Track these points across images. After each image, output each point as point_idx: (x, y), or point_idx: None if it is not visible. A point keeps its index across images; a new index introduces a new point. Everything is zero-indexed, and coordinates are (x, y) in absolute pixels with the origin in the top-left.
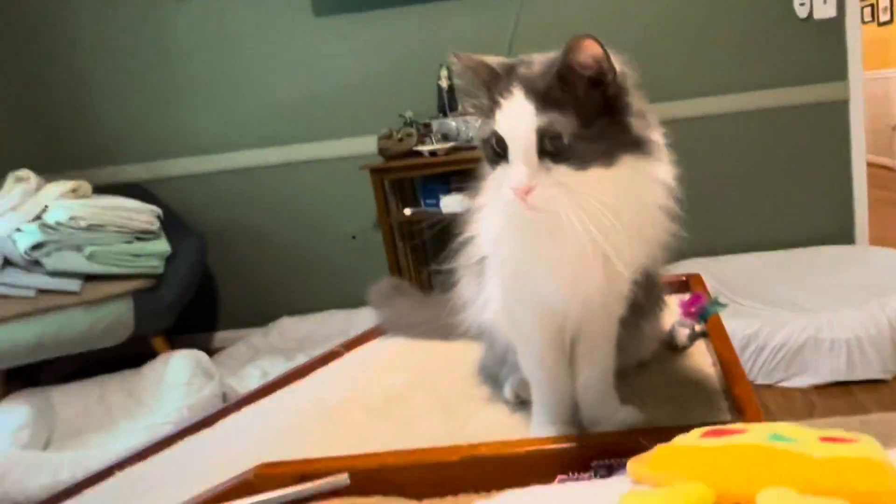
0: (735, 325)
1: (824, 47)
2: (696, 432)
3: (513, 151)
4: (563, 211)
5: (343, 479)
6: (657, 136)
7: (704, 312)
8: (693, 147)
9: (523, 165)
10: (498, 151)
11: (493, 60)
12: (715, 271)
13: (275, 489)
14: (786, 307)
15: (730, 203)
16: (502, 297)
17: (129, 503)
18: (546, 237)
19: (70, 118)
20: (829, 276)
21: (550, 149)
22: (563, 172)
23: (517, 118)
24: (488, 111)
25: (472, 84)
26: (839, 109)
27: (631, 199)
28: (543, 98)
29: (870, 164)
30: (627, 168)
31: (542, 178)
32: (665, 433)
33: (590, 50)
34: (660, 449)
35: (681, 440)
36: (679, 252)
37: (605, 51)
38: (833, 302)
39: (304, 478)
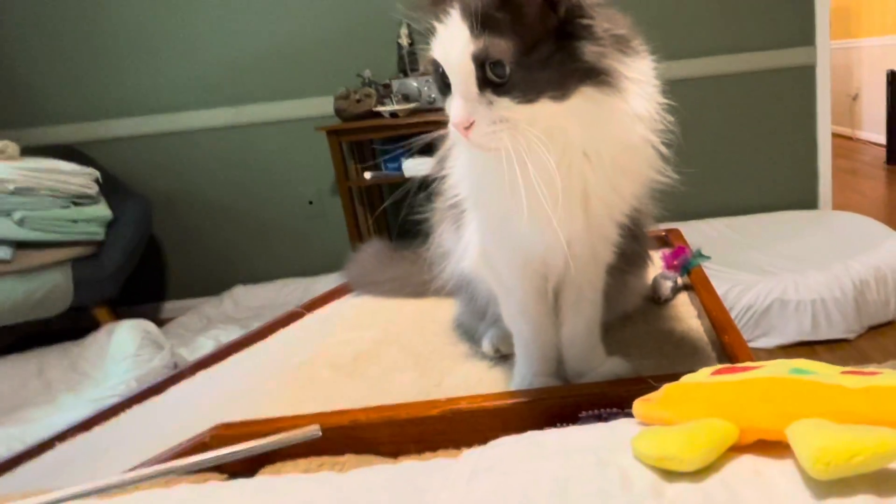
0: None
1: (792, 12)
2: (705, 370)
3: (452, 82)
4: (505, 148)
5: (314, 430)
6: (624, 65)
7: (687, 264)
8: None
9: (461, 98)
10: (446, 82)
11: None
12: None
13: None
14: (752, 271)
15: (696, 168)
16: (481, 243)
17: (70, 475)
18: (516, 176)
19: None
20: (794, 240)
21: (493, 78)
22: (505, 105)
23: (451, 43)
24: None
25: (418, 6)
26: (806, 75)
27: (598, 135)
28: (482, 19)
29: (835, 135)
30: (586, 101)
31: (481, 111)
32: (655, 382)
33: None
34: (668, 388)
35: (691, 378)
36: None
37: None
38: (798, 265)
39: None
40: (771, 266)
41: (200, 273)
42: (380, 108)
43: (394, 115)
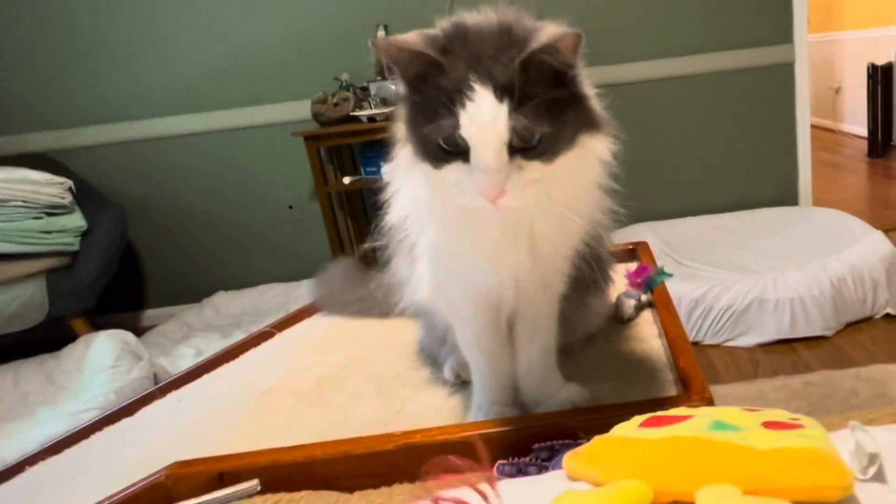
0: (683, 288)
1: (770, 10)
2: (636, 420)
3: (482, 156)
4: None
5: (253, 485)
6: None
7: (650, 282)
8: (639, 110)
9: (491, 170)
10: (450, 150)
11: (421, 43)
12: (663, 234)
13: (188, 492)
14: (732, 269)
15: (676, 166)
16: (432, 276)
17: (37, 502)
18: (465, 218)
19: None
20: (774, 237)
21: (520, 145)
22: (534, 168)
23: (488, 121)
24: (432, 108)
25: (401, 75)
26: (784, 72)
27: (569, 176)
28: (512, 95)
29: (812, 127)
30: (581, 148)
31: (512, 178)
32: (608, 412)
33: (570, 43)
34: (597, 441)
35: (620, 429)
36: (627, 216)
37: (580, 42)
38: (777, 263)
39: (221, 476)
40: (751, 264)
41: (180, 280)
42: (358, 113)
43: (372, 119)
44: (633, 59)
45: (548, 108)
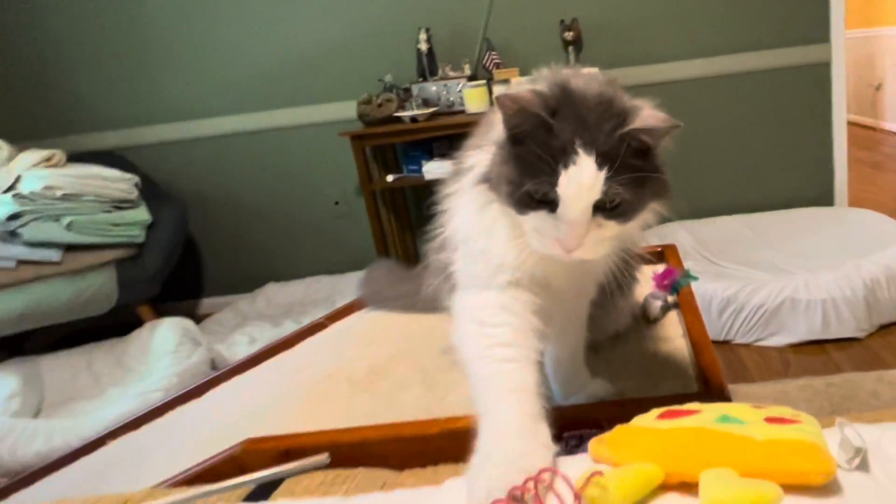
0: (715, 287)
1: (807, 8)
2: (653, 413)
3: (570, 211)
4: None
5: (323, 459)
6: None
7: (676, 285)
8: (673, 111)
9: (575, 224)
10: (539, 200)
11: (538, 104)
12: (696, 233)
13: (260, 465)
14: (764, 269)
15: (711, 166)
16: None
17: (121, 472)
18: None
19: (41, 85)
20: (808, 238)
21: (604, 206)
22: (611, 227)
23: (585, 185)
24: (531, 161)
25: (509, 126)
26: (821, 71)
27: (632, 227)
28: (611, 164)
29: (852, 124)
30: (649, 210)
31: (592, 234)
32: (630, 406)
33: (667, 129)
34: (618, 429)
35: (639, 420)
36: (660, 215)
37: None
38: (810, 264)
39: (288, 453)
40: (784, 264)
41: (235, 271)
42: (400, 113)
43: (414, 119)
44: (668, 59)
45: (633, 178)
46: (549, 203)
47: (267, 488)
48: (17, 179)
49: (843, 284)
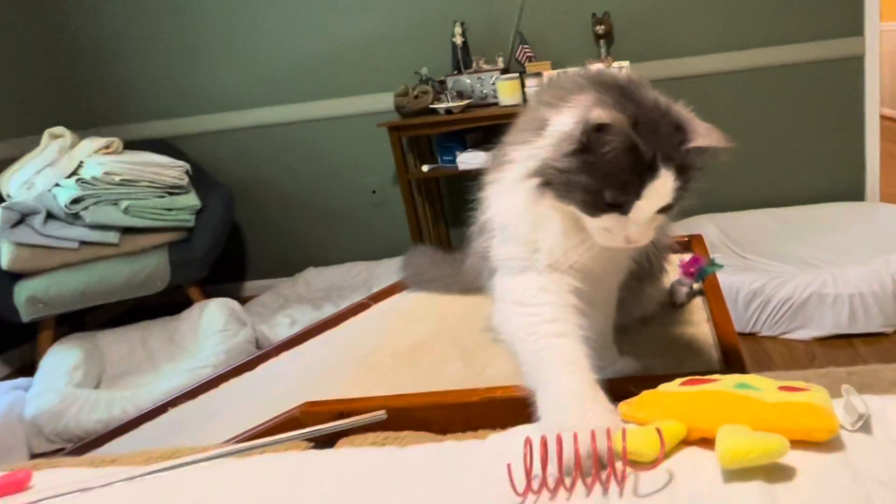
0: (741, 280)
1: (841, 1)
2: (677, 381)
3: (643, 214)
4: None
5: (381, 414)
6: None
7: (702, 272)
8: (704, 104)
9: (649, 225)
10: (612, 205)
11: (631, 131)
12: (723, 226)
13: (318, 425)
14: (792, 263)
15: (740, 160)
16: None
17: (183, 435)
18: (566, 227)
19: (99, 77)
20: (837, 233)
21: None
22: (660, 220)
23: (664, 196)
24: (611, 172)
25: (596, 146)
26: (854, 65)
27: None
28: (682, 177)
29: (886, 119)
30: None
31: (649, 226)
32: (654, 380)
33: (724, 148)
34: (645, 394)
35: (664, 387)
36: (690, 208)
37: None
38: (839, 258)
39: (343, 415)
40: (812, 259)
41: (276, 256)
42: (436, 105)
43: (449, 111)
44: (699, 52)
45: (687, 183)
46: (620, 206)
47: (326, 444)
48: (80, 166)
49: (872, 279)
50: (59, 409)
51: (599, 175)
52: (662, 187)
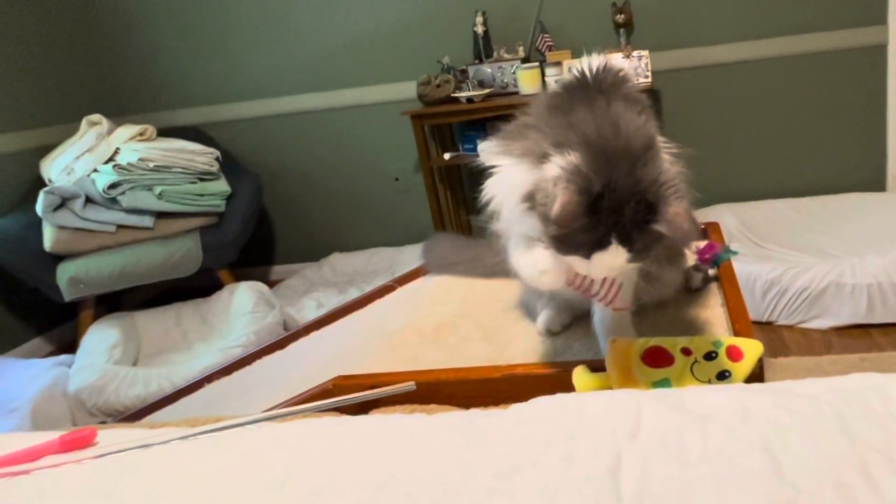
0: (759, 269)
1: None
2: (643, 345)
3: (597, 270)
4: None
5: (410, 385)
6: None
7: (717, 259)
8: (723, 93)
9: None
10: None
11: (584, 206)
12: (741, 216)
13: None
14: (811, 253)
15: (760, 149)
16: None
17: (219, 409)
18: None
19: (133, 66)
20: (857, 223)
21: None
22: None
23: (612, 264)
24: (575, 244)
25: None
26: (877, 54)
27: None
28: (634, 248)
29: None
30: None
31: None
32: None
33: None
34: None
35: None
36: (709, 197)
37: None
38: (857, 248)
39: (373, 388)
40: (831, 249)
41: (302, 241)
42: (457, 94)
43: (470, 100)
44: (719, 41)
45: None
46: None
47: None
48: (116, 152)
49: (891, 270)
50: (100, 385)
51: (563, 239)
52: (613, 258)
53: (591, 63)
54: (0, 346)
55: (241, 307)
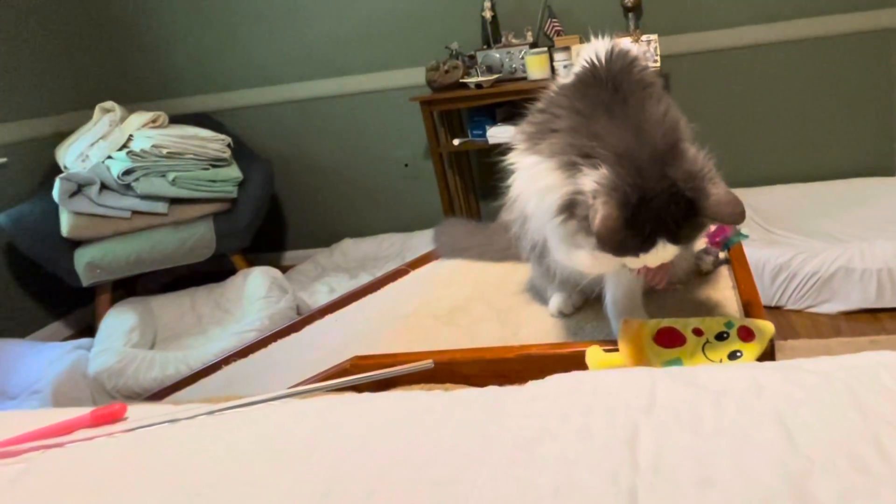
0: (768, 254)
1: None
2: (656, 325)
3: (649, 263)
4: None
5: (428, 363)
6: None
7: (728, 242)
8: (733, 77)
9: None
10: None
11: (623, 221)
12: (751, 201)
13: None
14: (820, 237)
15: (769, 134)
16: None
17: (237, 389)
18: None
19: (146, 53)
20: (866, 208)
21: None
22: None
23: (661, 256)
24: (622, 248)
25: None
26: (888, 38)
27: None
28: (681, 241)
29: None
30: None
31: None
32: None
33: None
34: (625, 323)
35: (644, 326)
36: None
37: None
38: (867, 234)
39: (392, 367)
40: (840, 234)
41: (314, 227)
42: (466, 80)
43: (479, 85)
44: (728, 25)
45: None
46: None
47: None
48: (129, 138)
49: None
50: (119, 368)
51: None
52: (662, 253)
53: (598, 49)
54: (20, 329)
55: (255, 292)
